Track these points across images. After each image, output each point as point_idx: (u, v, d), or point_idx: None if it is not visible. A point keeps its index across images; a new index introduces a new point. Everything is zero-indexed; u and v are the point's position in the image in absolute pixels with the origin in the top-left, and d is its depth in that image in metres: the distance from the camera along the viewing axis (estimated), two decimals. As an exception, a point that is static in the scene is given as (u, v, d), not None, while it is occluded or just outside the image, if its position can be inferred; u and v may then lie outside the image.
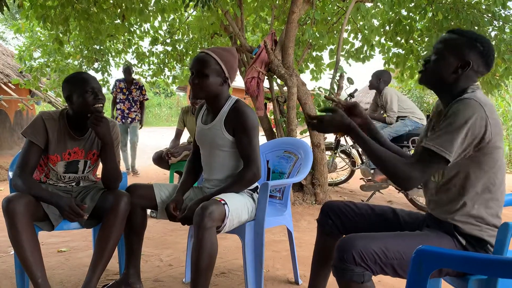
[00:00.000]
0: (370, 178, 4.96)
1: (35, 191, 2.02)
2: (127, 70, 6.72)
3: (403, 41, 5.90)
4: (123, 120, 6.65)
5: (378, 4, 5.04)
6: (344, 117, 1.59)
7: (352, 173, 5.91)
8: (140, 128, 6.96)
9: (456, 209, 1.53)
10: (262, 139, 3.73)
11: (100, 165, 2.31)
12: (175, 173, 4.56)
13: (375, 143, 1.55)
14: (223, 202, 1.95)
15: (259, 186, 2.25)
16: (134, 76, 7.08)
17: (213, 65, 2.09)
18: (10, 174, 2.40)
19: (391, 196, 5.35)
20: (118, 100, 6.70)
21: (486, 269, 0.96)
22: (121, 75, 6.89)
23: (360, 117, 1.81)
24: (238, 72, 5.46)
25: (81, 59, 7.22)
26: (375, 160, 1.51)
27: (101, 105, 2.15)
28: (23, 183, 2.03)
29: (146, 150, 9.36)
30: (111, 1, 5.71)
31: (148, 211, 2.32)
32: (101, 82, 7.36)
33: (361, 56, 6.24)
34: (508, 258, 0.90)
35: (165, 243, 3.31)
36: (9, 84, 8.10)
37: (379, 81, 5.06)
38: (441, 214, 1.59)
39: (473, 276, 1.40)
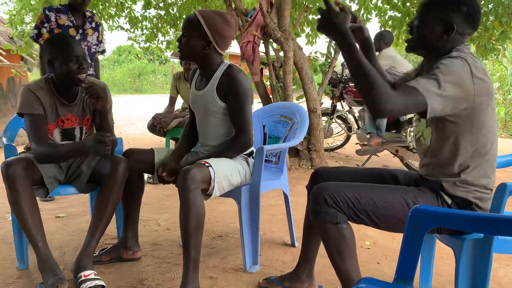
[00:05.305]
0: (366, 143, 4.97)
1: (61, 148, 2.03)
2: None
3: (400, 3, 5.79)
4: None
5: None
6: (346, 21, 1.46)
7: (348, 138, 5.93)
8: None
9: (445, 171, 1.54)
10: (258, 105, 3.71)
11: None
12: (171, 140, 4.55)
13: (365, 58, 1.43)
14: (207, 165, 1.94)
15: (254, 151, 2.24)
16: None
17: (195, 26, 2.04)
18: (4, 140, 2.38)
19: (386, 161, 5.38)
20: None
21: (484, 227, 0.97)
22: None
23: (363, 39, 1.75)
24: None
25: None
26: (359, 73, 1.38)
27: (85, 75, 2.09)
28: (46, 148, 2.01)
29: (143, 117, 9.33)
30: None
31: (145, 177, 2.32)
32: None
33: (358, 19, 6.12)
34: (505, 216, 0.91)
35: (162, 207, 3.33)
36: (0, 51, 7.94)
37: (379, 42, 5.01)
38: (430, 176, 1.61)
39: (469, 235, 1.42)
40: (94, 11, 4.23)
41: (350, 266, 1.57)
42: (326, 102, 5.77)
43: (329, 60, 5.06)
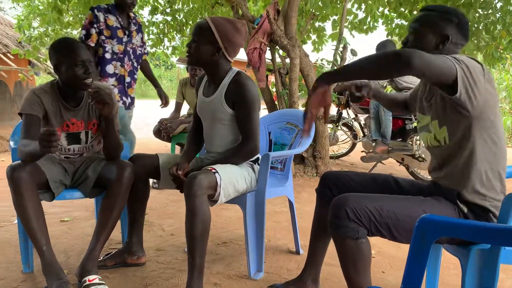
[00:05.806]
0: (371, 151, 4.96)
1: (28, 147, 1.92)
2: None
3: (407, 12, 5.80)
4: (123, 98, 3.42)
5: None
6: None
7: (353, 146, 5.92)
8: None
9: (461, 177, 1.52)
10: (263, 111, 3.72)
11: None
12: (176, 145, 4.57)
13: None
14: (214, 171, 1.94)
15: (260, 158, 2.24)
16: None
17: (205, 32, 2.05)
18: (12, 144, 2.40)
19: (392, 169, 5.37)
20: (109, 56, 3.28)
21: (491, 237, 0.96)
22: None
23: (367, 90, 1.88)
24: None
25: (80, 28, 7.12)
26: (367, 61, 1.41)
27: (91, 79, 2.10)
28: (21, 145, 1.96)
29: (148, 122, 9.36)
30: (110, -31, 5.58)
31: (151, 182, 2.32)
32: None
33: (365, 27, 6.16)
34: (512, 227, 0.91)
35: (167, 213, 3.34)
36: (8, 55, 8.01)
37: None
38: (445, 182, 1.59)
39: (476, 245, 1.40)
40: None
41: (363, 280, 1.54)
42: (332, 110, 5.77)
43: (335, 68, 5.06)
